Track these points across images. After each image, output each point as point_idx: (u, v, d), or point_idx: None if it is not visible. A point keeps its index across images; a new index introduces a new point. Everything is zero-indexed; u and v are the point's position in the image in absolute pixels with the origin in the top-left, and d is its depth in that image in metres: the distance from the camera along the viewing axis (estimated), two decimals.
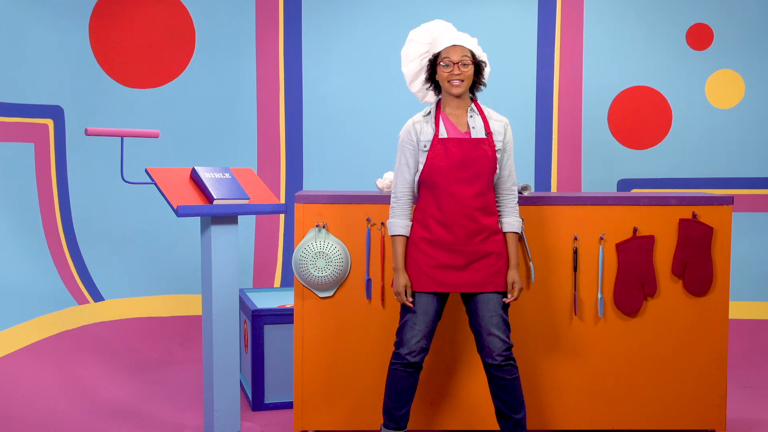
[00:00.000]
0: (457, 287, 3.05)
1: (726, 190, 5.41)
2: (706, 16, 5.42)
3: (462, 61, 2.97)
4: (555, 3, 5.46)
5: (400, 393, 3.10)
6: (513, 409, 3.08)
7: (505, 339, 3.04)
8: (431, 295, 3.07)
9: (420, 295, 3.06)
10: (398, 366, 3.09)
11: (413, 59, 3.19)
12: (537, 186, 5.50)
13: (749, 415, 3.96)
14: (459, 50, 2.98)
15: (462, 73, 2.98)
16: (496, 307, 3.05)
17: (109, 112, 5.20)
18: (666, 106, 5.47)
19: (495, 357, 3.03)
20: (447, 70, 2.99)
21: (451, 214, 2.99)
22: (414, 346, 3.05)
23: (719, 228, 3.52)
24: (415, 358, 3.06)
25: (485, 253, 3.03)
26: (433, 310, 3.07)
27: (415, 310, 3.06)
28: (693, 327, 3.54)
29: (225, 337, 3.50)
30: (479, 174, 3.00)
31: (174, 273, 5.31)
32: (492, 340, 3.03)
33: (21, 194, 4.70)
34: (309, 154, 5.49)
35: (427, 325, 3.06)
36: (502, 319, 3.05)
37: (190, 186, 3.47)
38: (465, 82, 3.00)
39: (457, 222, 2.99)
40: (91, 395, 4.14)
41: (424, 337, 3.06)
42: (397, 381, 3.10)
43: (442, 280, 3.04)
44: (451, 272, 3.03)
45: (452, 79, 2.98)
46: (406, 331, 3.07)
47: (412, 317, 3.07)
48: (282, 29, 5.47)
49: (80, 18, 5.12)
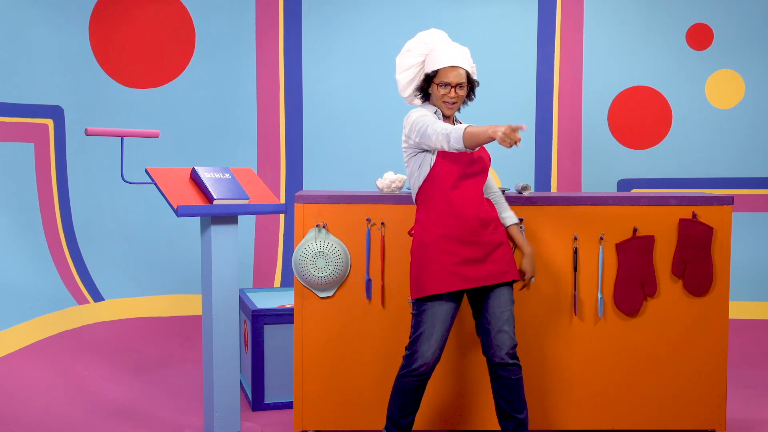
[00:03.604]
0: (481, 280, 3.02)
1: (726, 190, 5.41)
2: (706, 16, 5.42)
3: (459, 84, 3.03)
4: (555, 3, 5.47)
5: (408, 404, 3.07)
6: (516, 409, 3.07)
7: (512, 336, 3.04)
8: (451, 303, 3.03)
9: (441, 304, 3.01)
10: (409, 379, 3.04)
11: (408, 68, 3.20)
12: (537, 186, 5.50)
13: (749, 415, 3.96)
14: (457, 73, 3.03)
15: (458, 96, 3.05)
16: (507, 301, 3.06)
17: (109, 112, 5.20)
18: (666, 106, 5.47)
19: (503, 355, 3.01)
20: (443, 92, 3.05)
21: (465, 206, 3.01)
22: (429, 358, 3.00)
23: (719, 228, 3.52)
24: (428, 370, 3.02)
25: (498, 243, 3.07)
26: (450, 317, 3.03)
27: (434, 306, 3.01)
28: (693, 327, 3.54)
29: (225, 337, 3.50)
30: (484, 169, 3.09)
31: (174, 273, 5.31)
32: (501, 337, 3.02)
33: (21, 194, 4.70)
34: (309, 154, 5.49)
35: (443, 335, 3.02)
36: (511, 314, 3.06)
37: (190, 186, 3.47)
38: (458, 104, 3.08)
39: (471, 214, 3.01)
40: (91, 395, 4.14)
41: (439, 348, 3.02)
42: (406, 393, 3.06)
43: (468, 275, 3.00)
44: (474, 266, 3.02)
45: (447, 101, 3.05)
46: (422, 342, 3.01)
47: (428, 328, 3.00)
48: (282, 29, 5.47)
49: (80, 18, 5.12)
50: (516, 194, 3.51)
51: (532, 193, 3.69)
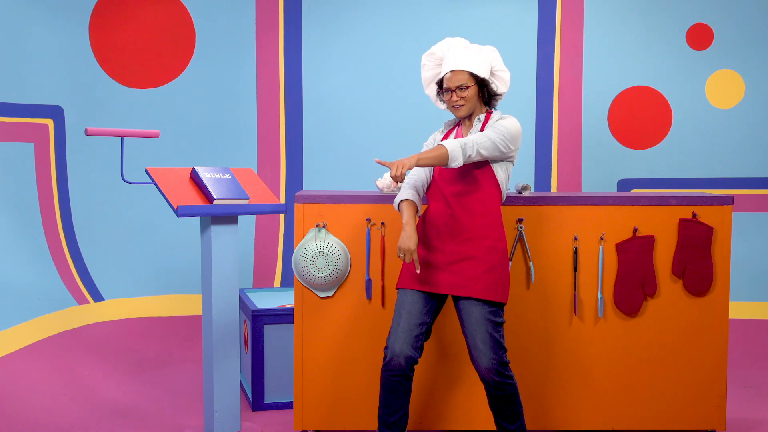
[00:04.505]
0: (435, 287, 3.00)
1: (726, 190, 5.41)
2: (706, 16, 5.42)
3: (459, 86, 3.01)
4: (555, 3, 5.46)
5: (390, 400, 3.00)
6: (508, 420, 3.04)
7: (490, 356, 2.91)
8: (416, 295, 3.01)
9: (405, 294, 3.02)
10: (386, 374, 2.99)
11: (430, 83, 3.24)
12: (537, 186, 5.50)
13: (749, 415, 3.96)
14: (455, 77, 3.02)
15: (460, 98, 3.03)
16: (479, 320, 2.92)
17: (109, 112, 5.20)
18: (666, 106, 5.47)
19: (483, 372, 2.93)
20: (446, 97, 3.07)
21: (438, 215, 3.03)
22: (397, 351, 2.93)
23: (719, 228, 3.52)
24: (401, 364, 2.94)
25: (467, 256, 2.97)
26: (417, 311, 2.99)
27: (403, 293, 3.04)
28: (693, 327, 3.54)
29: (225, 337, 3.50)
30: (467, 191, 3.00)
31: (174, 273, 5.31)
32: (478, 356, 2.93)
33: (21, 194, 4.70)
34: (309, 154, 5.49)
35: (411, 328, 2.95)
36: (487, 333, 2.92)
37: (190, 186, 3.47)
38: (466, 105, 3.04)
39: (442, 221, 3.02)
40: (91, 395, 4.14)
41: (407, 341, 2.94)
42: (384, 388, 3.00)
43: (425, 279, 3.01)
44: (433, 272, 3.01)
45: (452, 105, 3.06)
46: (390, 334, 3.00)
47: (396, 318, 3.00)
48: (282, 29, 5.47)
49: (80, 18, 5.12)
50: (516, 194, 3.51)
51: (532, 193, 3.69)
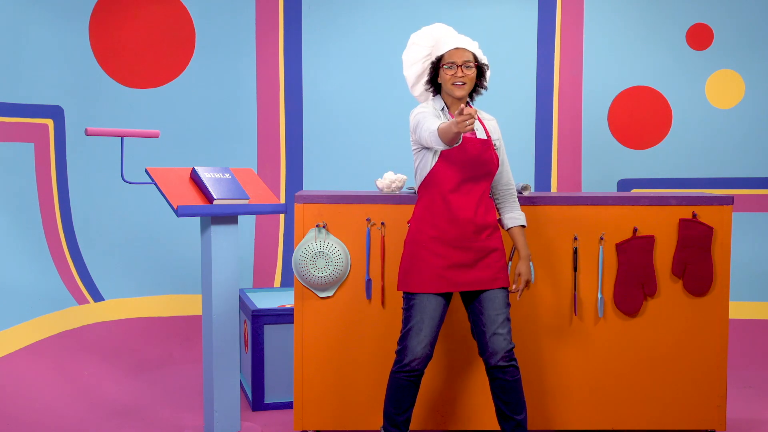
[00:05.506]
0: (468, 285, 3.03)
1: (726, 190, 5.41)
2: (706, 16, 5.42)
3: (465, 63, 3.00)
4: (555, 3, 5.46)
5: (403, 400, 3.07)
6: (514, 411, 3.07)
7: (508, 339, 3.02)
8: (439, 299, 3.03)
9: (429, 299, 3.02)
10: (402, 375, 3.04)
11: (415, 62, 3.20)
12: (537, 186, 5.50)
13: (749, 415, 3.96)
14: (462, 53, 3.01)
15: (465, 75, 3.01)
16: (502, 304, 3.04)
17: (109, 112, 5.20)
18: (666, 106, 5.47)
19: (498, 359, 3.00)
20: (450, 73, 3.01)
21: (461, 211, 2.99)
22: (419, 353, 3.00)
23: (719, 228, 3.52)
24: (420, 365, 3.02)
25: (491, 249, 3.04)
26: (439, 315, 3.04)
27: (417, 308, 3.02)
28: (693, 327, 3.54)
29: (225, 337, 3.50)
30: (489, 173, 3.05)
31: (174, 273, 5.31)
32: (497, 340, 3.01)
33: (21, 194, 4.70)
34: (309, 154, 5.49)
35: (433, 331, 3.02)
36: (506, 318, 3.04)
37: (190, 186, 3.47)
38: (468, 84, 3.03)
39: (467, 219, 3.00)
40: (91, 395, 4.14)
41: (429, 344, 3.02)
42: (400, 389, 3.06)
43: (456, 279, 3.02)
44: (463, 271, 3.02)
45: (456, 81, 3.01)
46: (411, 337, 3.02)
47: (417, 323, 3.02)
48: (282, 29, 5.47)
49: (80, 18, 5.12)
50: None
51: (532, 193, 3.69)
